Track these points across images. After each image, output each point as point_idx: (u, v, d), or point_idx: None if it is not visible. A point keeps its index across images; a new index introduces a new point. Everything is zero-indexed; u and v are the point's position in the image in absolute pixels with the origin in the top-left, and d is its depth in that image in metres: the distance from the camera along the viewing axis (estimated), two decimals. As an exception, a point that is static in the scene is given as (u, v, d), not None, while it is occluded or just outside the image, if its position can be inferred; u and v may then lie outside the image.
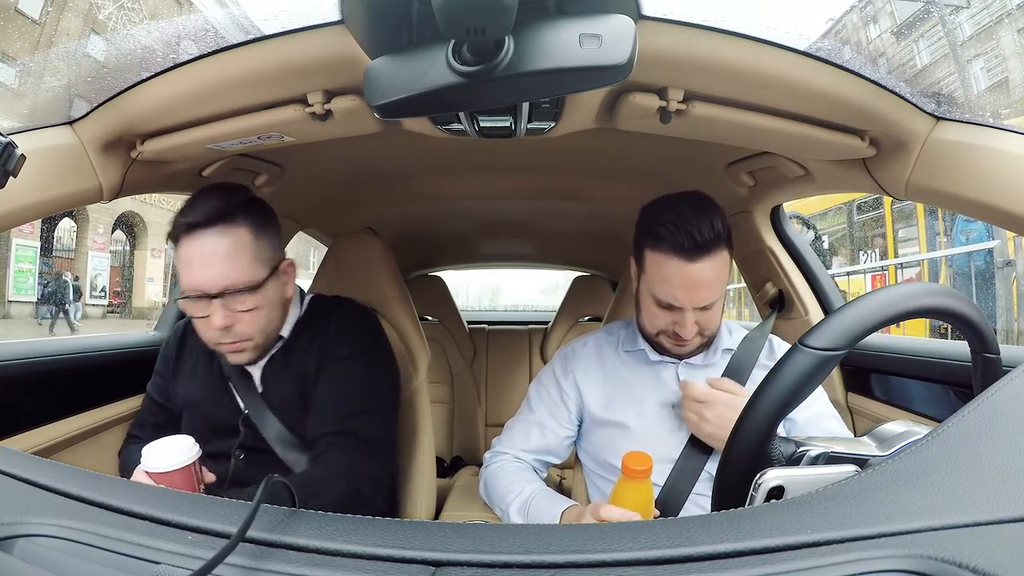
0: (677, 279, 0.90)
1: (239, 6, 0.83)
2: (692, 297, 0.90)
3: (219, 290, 0.86)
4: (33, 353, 1.03)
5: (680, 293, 0.90)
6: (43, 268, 15.36)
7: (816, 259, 1.44)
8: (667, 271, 0.90)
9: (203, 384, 1.01)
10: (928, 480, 0.34)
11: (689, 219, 0.88)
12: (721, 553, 0.31)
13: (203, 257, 0.86)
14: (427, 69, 0.50)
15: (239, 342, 0.91)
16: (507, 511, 0.95)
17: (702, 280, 0.89)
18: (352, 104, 0.78)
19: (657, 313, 0.96)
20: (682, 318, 0.92)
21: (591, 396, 1.05)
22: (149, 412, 1.07)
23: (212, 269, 0.86)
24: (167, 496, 0.43)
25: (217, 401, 1.00)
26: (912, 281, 6.36)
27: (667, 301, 0.92)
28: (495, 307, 7.38)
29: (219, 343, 0.91)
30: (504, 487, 0.99)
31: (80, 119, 0.85)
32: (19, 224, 0.84)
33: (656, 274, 0.92)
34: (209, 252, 0.86)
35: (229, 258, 0.87)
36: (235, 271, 0.87)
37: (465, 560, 0.33)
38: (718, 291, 0.92)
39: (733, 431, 0.52)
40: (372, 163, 1.29)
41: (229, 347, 0.92)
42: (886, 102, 0.78)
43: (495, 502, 1.01)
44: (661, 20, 0.64)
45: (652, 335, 1.00)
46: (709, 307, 0.93)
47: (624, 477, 0.75)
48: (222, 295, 0.87)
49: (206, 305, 0.87)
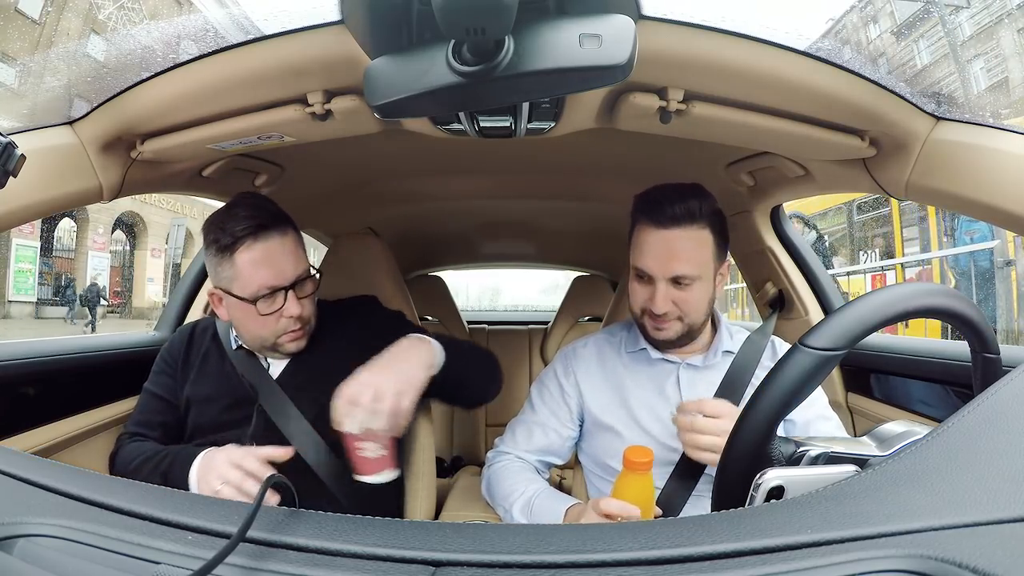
0: (648, 246, 0.95)
1: (239, 6, 0.84)
2: (663, 267, 0.93)
3: (291, 281, 0.95)
4: (33, 353, 1.03)
5: (651, 261, 0.94)
6: (43, 268, 15.40)
7: (816, 259, 1.44)
8: (642, 239, 0.96)
9: (214, 381, 1.03)
10: (928, 480, 0.34)
11: (668, 195, 0.94)
12: (721, 553, 0.31)
13: (275, 254, 0.94)
14: (427, 69, 0.51)
15: (303, 327, 0.99)
16: (510, 510, 0.96)
17: (672, 249, 0.93)
18: (352, 104, 0.78)
19: (636, 288, 1.00)
20: (654, 292, 0.95)
21: (592, 397, 1.05)
22: (156, 411, 1.07)
23: (285, 262, 0.95)
24: (167, 496, 0.43)
25: (229, 395, 1.01)
26: (912, 281, 6.37)
27: (641, 269, 0.97)
28: (495, 307, 7.39)
29: (285, 332, 0.97)
30: (507, 487, 0.99)
31: (80, 119, 0.85)
32: (19, 224, 0.84)
33: (635, 246, 0.99)
34: (278, 249, 0.94)
35: (295, 251, 0.97)
36: (300, 261, 0.98)
37: (465, 560, 0.33)
38: (693, 267, 0.93)
39: (733, 431, 0.52)
40: (372, 163, 1.29)
41: (295, 334, 0.98)
42: (886, 102, 0.78)
43: (498, 501, 1.01)
44: (661, 20, 0.64)
45: (637, 318, 1.02)
46: (684, 284, 0.94)
47: (626, 470, 0.75)
48: (293, 285, 0.95)
49: (278, 299, 0.94)
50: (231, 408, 1.00)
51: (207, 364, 1.06)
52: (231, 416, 0.99)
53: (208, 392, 1.02)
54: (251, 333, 0.98)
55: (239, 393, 1.01)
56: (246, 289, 0.93)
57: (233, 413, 1.00)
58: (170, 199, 17.89)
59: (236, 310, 0.96)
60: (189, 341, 1.10)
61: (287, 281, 0.94)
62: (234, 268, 0.93)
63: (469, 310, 2.97)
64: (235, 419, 0.99)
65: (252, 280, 0.92)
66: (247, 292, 0.93)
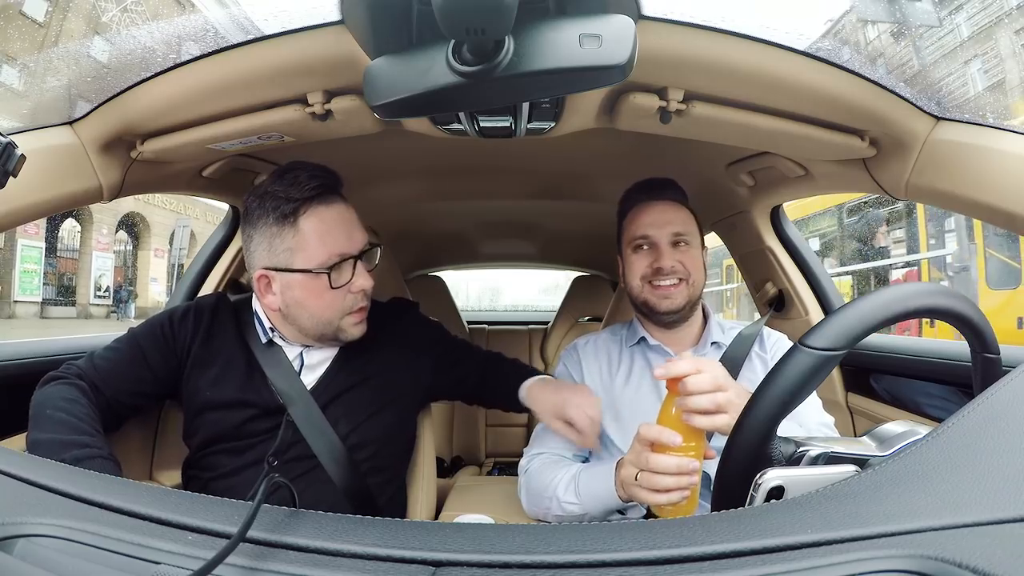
0: (644, 216, 1.04)
1: (239, 6, 0.83)
2: (662, 229, 1.01)
3: (360, 249, 0.88)
4: (33, 353, 1.02)
5: (650, 227, 1.02)
6: (47, 269, 15.44)
7: (816, 259, 1.44)
8: (638, 214, 1.05)
9: (237, 386, 0.91)
10: (928, 480, 0.34)
11: (657, 181, 1.09)
12: (721, 553, 0.31)
13: (344, 219, 0.88)
14: (427, 69, 0.51)
15: (366, 307, 0.92)
16: (554, 495, 0.91)
17: (667, 216, 1.02)
18: (352, 104, 0.78)
19: (636, 259, 1.04)
20: (658, 253, 1.00)
21: (594, 388, 1.04)
22: (136, 379, 0.89)
23: (355, 229, 0.88)
24: (167, 496, 0.43)
25: (255, 403, 0.90)
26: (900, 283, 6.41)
27: (641, 234, 1.03)
28: (495, 307, 7.39)
29: (353, 309, 0.90)
30: (547, 478, 0.94)
31: (80, 119, 0.85)
32: (19, 224, 0.84)
33: (631, 223, 1.06)
34: (346, 215, 0.88)
35: (357, 220, 0.91)
36: (362, 230, 0.91)
37: (465, 560, 0.33)
38: (689, 231, 1.02)
39: (733, 431, 0.52)
40: (372, 163, 1.29)
41: (360, 315, 0.92)
42: (886, 102, 0.78)
43: (540, 494, 0.94)
44: (661, 20, 0.64)
45: (639, 294, 1.03)
46: (682, 245, 1.01)
47: (669, 393, 0.74)
48: (362, 255, 0.89)
49: (348, 269, 0.87)
50: (256, 419, 0.90)
51: (231, 366, 0.92)
52: (255, 427, 0.90)
53: (230, 397, 0.90)
54: (315, 315, 0.88)
55: (266, 402, 0.90)
56: (314, 259, 0.84)
57: (257, 424, 0.90)
58: (173, 200, 17.93)
59: (297, 289, 0.86)
60: (208, 332, 0.94)
61: (357, 249, 0.88)
62: (298, 236, 0.84)
63: (469, 310, 2.97)
64: (258, 430, 0.90)
65: (322, 247, 0.84)
66: (315, 262, 0.84)
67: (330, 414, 0.91)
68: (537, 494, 0.96)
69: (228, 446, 0.90)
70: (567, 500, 0.89)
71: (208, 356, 0.93)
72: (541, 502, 0.94)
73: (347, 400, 0.94)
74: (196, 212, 18.26)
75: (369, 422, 0.94)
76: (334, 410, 0.92)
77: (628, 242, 1.06)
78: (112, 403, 0.88)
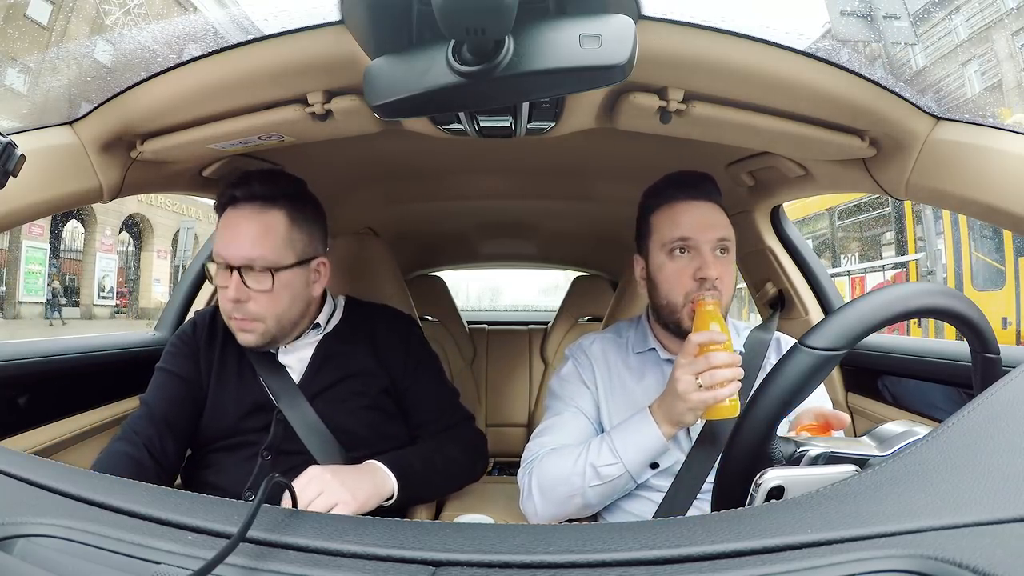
0: (685, 216, 0.93)
1: (239, 6, 0.83)
2: (705, 234, 0.91)
3: (240, 263, 0.90)
4: (33, 353, 1.02)
5: (692, 229, 0.92)
6: (51, 270, 15.46)
7: (816, 259, 1.44)
8: (675, 213, 0.94)
9: (233, 386, 0.98)
10: (928, 480, 0.34)
11: (694, 176, 0.98)
12: (721, 553, 0.31)
13: (235, 229, 0.91)
14: (427, 69, 0.50)
15: (249, 321, 0.92)
16: (586, 464, 0.86)
17: (711, 218, 0.93)
18: (352, 104, 0.78)
19: (675, 267, 0.93)
20: (702, 259, 0.90)
21: (603, 398, 1.01)
22: (171, 393, 0.97)
23: (239, 241, 0.90)
24: (167, 496, 0.43)
25: (248, 400, 0.97)
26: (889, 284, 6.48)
27: (681, 235, 0.92)
28: (495, 307, 7.39)
29: (231, 317, 0.93)
30: (568, 456, 0.89)
31: (80, 119, 0.85)
32: (19, 224, 0.84)
33: (666, 224, 0.95)
34: (242, 225, 0.91)
35: (258, 236, 0.90)
36: (258, 248, 0.90)
37: (465, 560, 0.33)
38: (730, 238, 0.94)
39: (733, 431, 0.52)
40: (372, 163, 1.29)
41: (238, 323, 0.93)
42: (886, 102, 0.78)
43: (562, 475, 0.87)
44: (661, 20, 0.64)
45: (675, 312, 0.93)
46: (724, 252, 0.93)
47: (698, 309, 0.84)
48: (240, 269, 0.90)
49: (227, 275, 0.91)
50: (249, 415, 0.96)
51: (225, 365, 1.00)
52: (248, 424, 0.95)
53: (227, 396, 0.97)
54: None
55: (257, 398, 0.96)
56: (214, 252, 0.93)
57: (249, 421, 0.95)
58: (175, 201, 18.00)
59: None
60: (209, 333, 1.03)
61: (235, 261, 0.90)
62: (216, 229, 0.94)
63: (469, 310, 2.97)
64: (251, 427, 0.95)
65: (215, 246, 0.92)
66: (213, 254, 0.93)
67: (318, 409, 0.96)
68: (557, 477, 0.88)
69: (224, 443, 0.95)
70: (603, 463, 0.85)
71: (211, 358, 1.00)
72: (564, 485, 0.87)
73: (332, 395, 0.98)
74: (198, 213, 18.28)
75: (356, 416, 0.98)
76: (322, 405, 0.96)
77: (661, 244, 0.94)
78: (164, 429, 0.94)
